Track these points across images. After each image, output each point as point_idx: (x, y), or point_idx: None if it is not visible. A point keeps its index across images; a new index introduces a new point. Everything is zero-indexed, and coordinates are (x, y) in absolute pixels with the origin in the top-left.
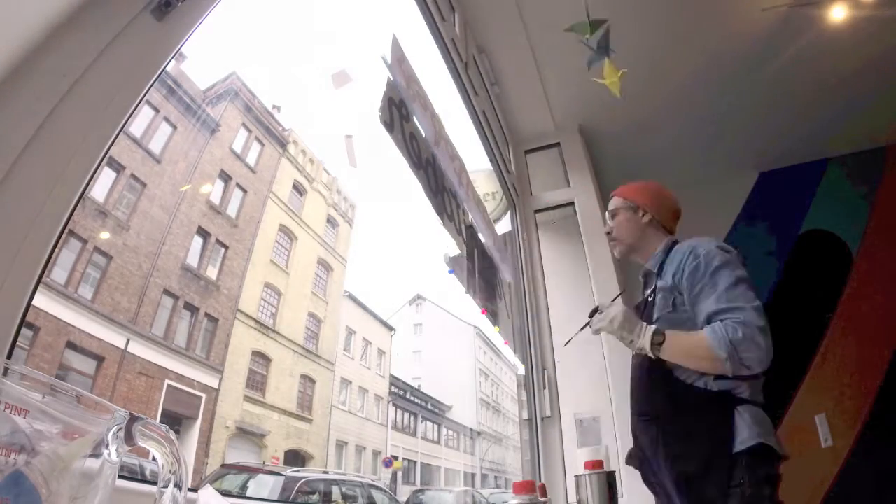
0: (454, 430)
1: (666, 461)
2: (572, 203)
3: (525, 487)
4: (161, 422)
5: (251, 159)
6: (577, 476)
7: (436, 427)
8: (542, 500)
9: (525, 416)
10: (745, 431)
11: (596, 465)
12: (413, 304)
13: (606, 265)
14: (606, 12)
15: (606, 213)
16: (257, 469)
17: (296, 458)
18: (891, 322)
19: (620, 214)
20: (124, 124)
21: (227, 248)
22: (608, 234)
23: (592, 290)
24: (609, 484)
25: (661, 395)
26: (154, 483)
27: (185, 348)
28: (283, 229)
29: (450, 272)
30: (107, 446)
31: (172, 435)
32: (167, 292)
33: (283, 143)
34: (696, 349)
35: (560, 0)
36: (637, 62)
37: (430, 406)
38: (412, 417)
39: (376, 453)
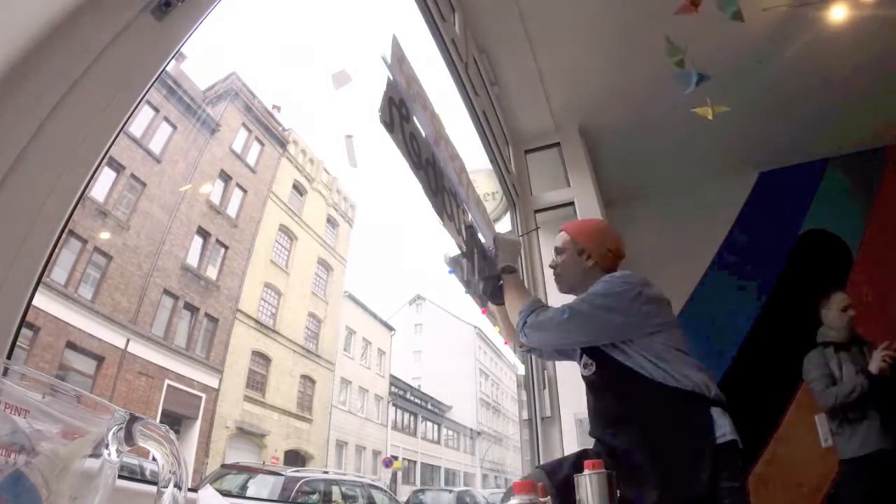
0: (454, 430)
1: (647, 463)
2: (572, 203)
3: (525, 487)
4: (161, 422)
5: (251, 159)
6: (576, 476)
7: (436, 427)
8: (542, 500)
9: (525, 416)
10: (725, 427)
11: (596, 465)
12: (413, 304)
13: None
14: (607, 12)
15: (553, 248)
16: (257, 469)
17: (296, 458)
18: (891, 321)
19: (566, 254)
20: (124, 124)
21: (227, 248)
22: (553, 267)
23: None
24: (609, 484)
25: (633, 398)
26: (154, 483)
27: (185, 348)
28: (283, 229)
29: (450, 272)
30: (107, 446)
31: (172, 435)
32: (167, 292)
33: (283, 143)
34: (517, 301)
35: (560, 0)
36: (637, 62)
37: (430, 406)
38: (412, 417)
39: (376, 453)
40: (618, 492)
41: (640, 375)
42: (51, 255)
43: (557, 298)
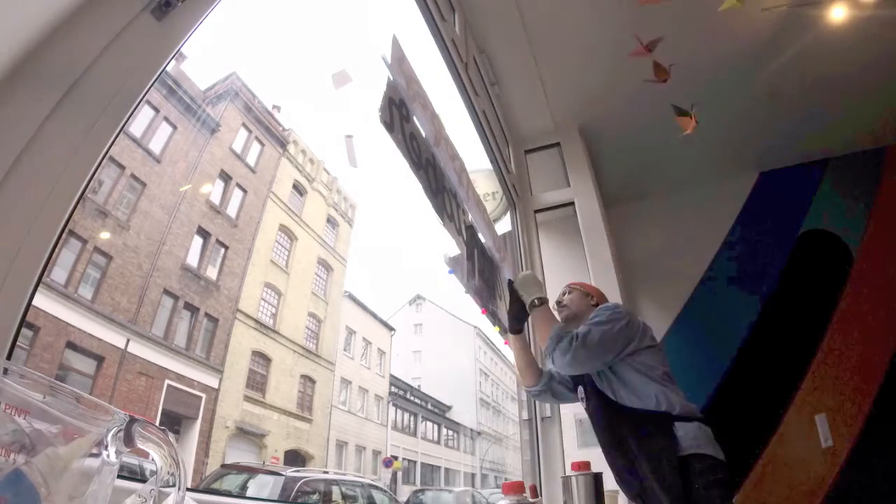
0: (454, 430)
1: (644, 470)
2: (572, 203)
3: (513, 488)
4: (161, 422)
5: (251, 159)
6: (563, 477)
7: (436, 427)
8: (533, 500)
9: (525, 416)
10: (687, 441)
11: (582, 466)
12: (413, 304)
13: (606, 265)
14: (608, 12)
15: (563, 289)
16: (257, 469)
17: (296, 458)
18: (891, 322)
19: (575, 293)
20: (124, 124)
21: (227, 248)
22: (559, 302)
23: None
24: (596, 485)
25: (617, 421)
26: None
27: (185, 348)
28: (283, 229)
29: (450, 272)
30: (106, 447)
31: (171, 437)
32: (167, 292)
33: (283, 143)
34: (546, 327)
35: (560, 1)
36: (637, 62)
37: (430, 406)
38: (412, 417)
39: (376, 453)
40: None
41: (616, 404)
42: (51, 255)
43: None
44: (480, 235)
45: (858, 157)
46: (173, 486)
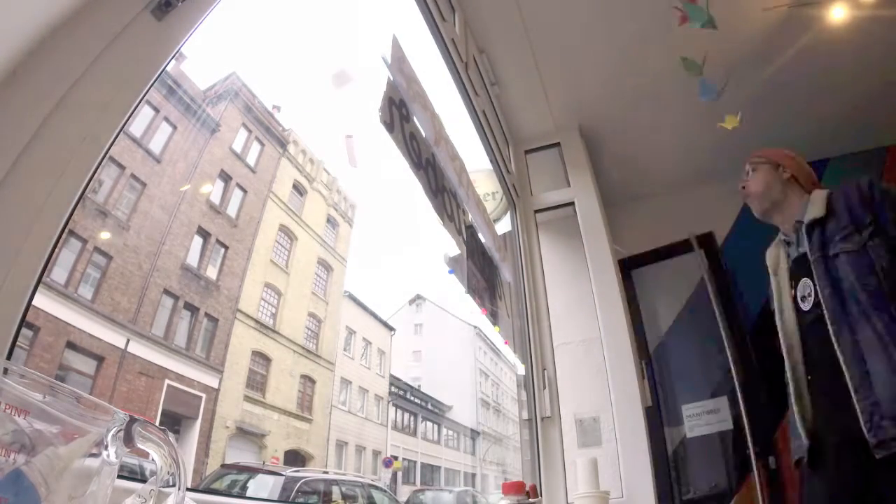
0: (454, 430)
1: None
2: (572, 203)
3: (513, 488)
4: (161, 422)
5: (251, 159)
6: None
7: (436, 427)
8: (532, 500)
9: (525, 416)
10: None
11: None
12: (413, 304)
13: (606, 265)
14: (608, 12)
15: (746, 167)
16: (257, 469)
17: (296, 458)
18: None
19: (760, 169)
20: (124, 124)
21: (227, 248)
22: (742, 188)
23: (592, 291)
24: None
25: None
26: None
27: (185, 348)
28: (283, 229)
29: (450, 272)
30: (106, 447)
31: (171, 437)
32: (167, 292)
33: (283, 143)
34: None
35: (560, 1)
36: (637, 62)
37: (430, 406)
38: (412, 417)
39: (376, 453)
40: None
41: None
42: (51, 255)
43: (558, 295)
44: (480, 235)
45: (859, 157)
46: (173, 486)
